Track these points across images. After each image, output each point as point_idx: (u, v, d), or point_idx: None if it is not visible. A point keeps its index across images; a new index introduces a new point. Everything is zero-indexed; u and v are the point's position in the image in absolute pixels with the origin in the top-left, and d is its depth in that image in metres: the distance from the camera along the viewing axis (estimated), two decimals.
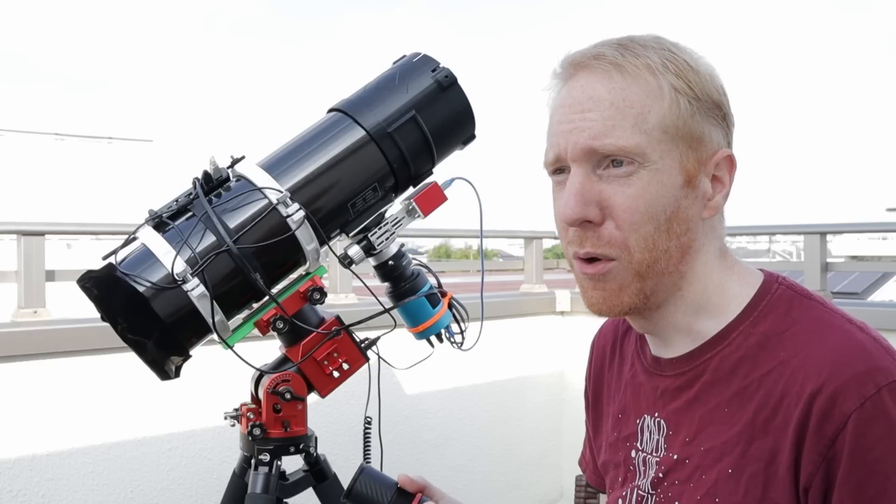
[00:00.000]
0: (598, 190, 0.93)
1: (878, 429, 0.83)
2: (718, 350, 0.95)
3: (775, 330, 0.93)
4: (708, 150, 0.95)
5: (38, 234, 2.62)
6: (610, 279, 0.95)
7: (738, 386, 0.93)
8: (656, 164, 0.92)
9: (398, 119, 1.30)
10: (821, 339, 0.90)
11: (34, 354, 2.41)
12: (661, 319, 0.99)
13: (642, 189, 0.92)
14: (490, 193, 1.51)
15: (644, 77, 0.93)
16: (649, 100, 0.92)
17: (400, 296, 1.40)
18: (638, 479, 1.03)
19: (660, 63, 0.93)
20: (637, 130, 0.91)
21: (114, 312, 1.22)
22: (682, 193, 0.93)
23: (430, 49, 1.39)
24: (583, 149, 0.93)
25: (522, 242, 4.10)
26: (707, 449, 0.93)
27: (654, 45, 0.95)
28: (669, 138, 0.92)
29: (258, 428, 1.37)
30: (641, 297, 0.95)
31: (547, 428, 3.70)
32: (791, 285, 0.97)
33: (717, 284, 0.98)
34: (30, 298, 2.59)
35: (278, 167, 1.29)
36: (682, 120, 0.92)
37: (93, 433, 2.47)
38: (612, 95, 0.92)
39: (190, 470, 2.62)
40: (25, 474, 2.35)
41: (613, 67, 0.93)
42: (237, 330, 1.30)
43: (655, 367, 1.03)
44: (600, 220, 0.93)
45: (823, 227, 3.37)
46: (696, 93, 0.93)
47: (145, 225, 1.24)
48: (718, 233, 0.99)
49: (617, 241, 0.93)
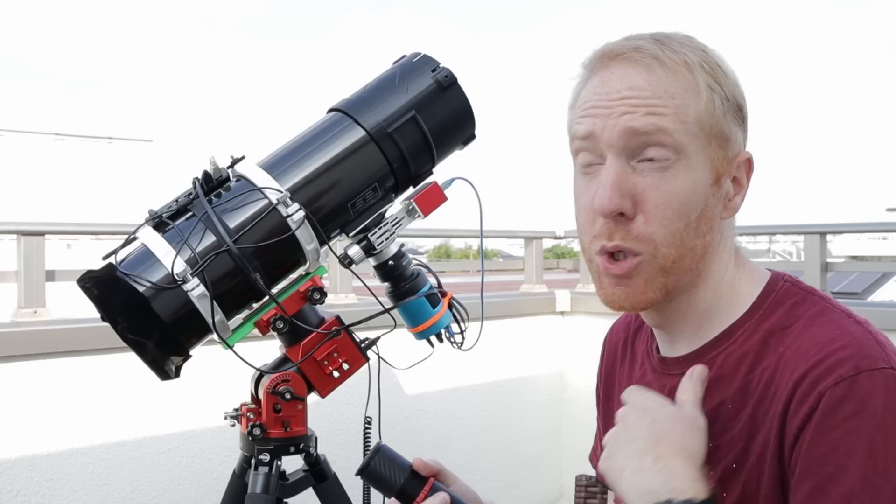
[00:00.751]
0: (633, 182, 0.92)
1: (847, 407, 0.82)
2: (724, 348, 0.96)
3: (778, 326, 0.93)
4: (733, 150, 0.96)
5: (38, 234, 2.62)
6: (635, 276, 0.94)
7: (741, 382, 0.93)
8: (691, 160, 0.92)
9: (398, 119, 1.30)
10: (815, 330, 0.90)
11: (34, 354, 2.41)
12: (672, 313, 1.00)
13: (679, 185, 0.92)
14: (490, 193, 1.51)
15: (682, 73, 0.93)
16: (688, 95, 0.92)
17: (400, 296, 1.40)
18: None
19: (697, 61, 0.93)
20: (678, 121, 0.91)
21: (114, 312, 1.22)
22: (711, 192, 0.94)
23: (430, 49, 1.39)
24: (622, 130, 0.91)
25: (522, 242, 4.09)
26: (714, 446, 0.94)
27: (688, 44, 0.95)
28: (705, 135, 0.93)
29: (258, 428, 1.37)
30: (664, 293, 0.96)
31: (547, 428, 3.70)
32: (795, 282, 0.98)
33: (729, 283, 0.99)
34: (30, 298, 2.59)
35: (278, 167, 1.29)
36: (715, 118, 0.93)
37: (93, 433, 2.47)
38: (653, 87, 0.92)
39: (190, 470, 2.62)
40: (25, 474, 2.35)
41: (654, 60, 0.93)
42: (237, 330, 1.30)
43: (662, 367, 1.04)
44: (633, 213, 0.93)
45: (823, 227, 3.37)
46: (727, 93, 0.94)
47: (145, 225, 1.24)
48: (732, 232, 1.00)
49: (644, 236, 0.93)
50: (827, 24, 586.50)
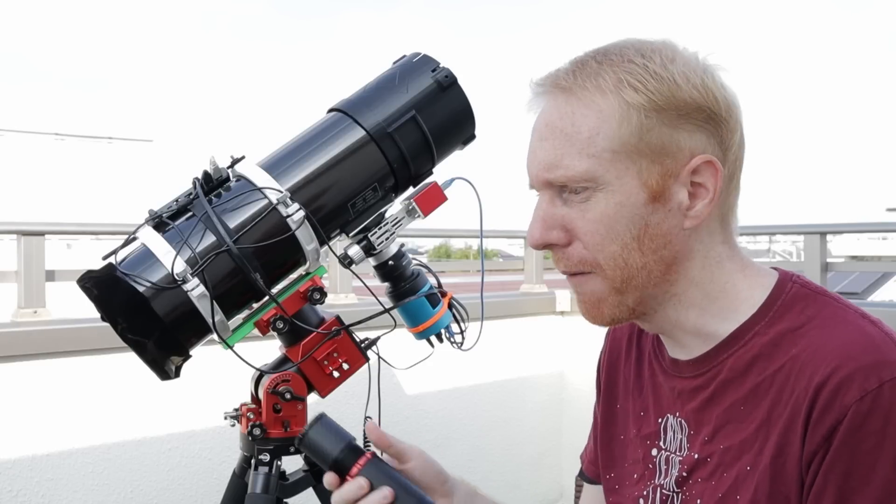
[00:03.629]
0: (560, 215, 0.95)
1: (873, 422, 0.83)
2: (735, 350, 0.96)
3: (790, 327, 0.93)
4: (678, 160, 0.92)
5: (38, 234, 2.62)
6: (588, 292, 0.97)
7: (753, 383, 0.93)
8: (611, 186, 0.92)
9: (398, 119, 1.30)
10: (832, 332, 0.90)
11: (34, 354, 2.42)
12: (664, 322, 1.00)
13: (601, 212, 0.93)
14: (490, 193, 1.51)
15: (593, 99, 0.92)
16: (598, 122, 0.92)
17: (400, 296, 1.40)
18: (659, 477, 1.03)
19: (613, 80, 0.92)
20: (584, 155, 0.92)
21: (114, 312, 1.22)
22: (649, 210, 0.93)
23: (430, 49, 1.39)
24: (539, 180, 0.96)
25: (522, 242, 4.10)
26: (727, 447, 0.94)
27: (616, 58, 0.93)
28: (623, 157, 0.91)
29: (258, 428, 1.37)
30: (624, 309, 0.97)
31: (547, 428, 3.70)
32: (805, 283, 0.97)
33: (722, 287, 0.97)
34: (30, 298, 2.59)
35: (278, 167, 1.29)
36: (635, 136, 0.91)
37: (93, 433, 2.47)
38: (563, 122, 0.93)
39: (190, 470, 2.62)
40: (25, 474, 2.35)
41: (562, 92, 0.94)
42: (237, 330, 1.30)
43: (674, 369, 1.03)
44: (566, 241, 0.96)
45: (823, 227, 3.37)
46: (659, 103, 0.91)
47: (145, 225, 1.24)
48: (720, 237, 0.97)
49: (588, 259, 0.95)
50: (826, 23, 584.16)
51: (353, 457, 1.07)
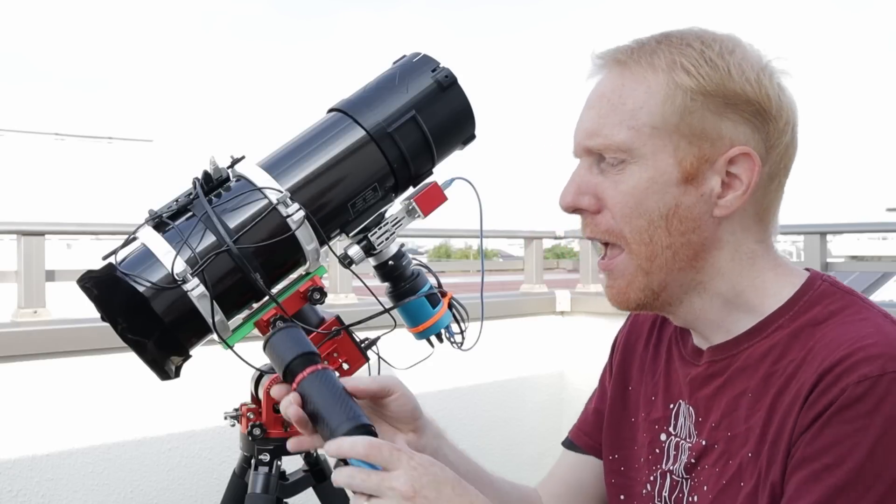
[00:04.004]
0: (595, 183, 0.98)
1: (863, 406, 0.83)
2: (755, 341, 0.96)
3: (811, 322, 0.93)
4: (718, 147, 0.93)
5: (38, 234, 2.62)
6: (618, 275, 0.99)
7: (766, 372, 0.93)
8: (647, 160, 0.94)
9: (398, 119, 1.30)
10: (850, 328, 0.90)
11: (34, 354, 2.42)
12: (688, 314, 1.00)
13: (633, 184, 0.95)
14: (490, 193, 1.51)
15: (644, 75, 0.95)
16: (645, 96, 0.94)
17: (400, 296, 1.40)
18: (667, 462, 1.04)
19: (667, 60, 0.94)
20: (625, 127, 0.94)
21: (114, 312, 1.22)
22: (680, 191, 0.94)
23: (430, 49, 1.39)
24: (580, 146, 1.00)
25: (522, 242, 4.10)
26: (732, 434, 0.95)
27: (676, 41, 0.96)
28: (663, 134, 0.93)
29: (258, 428, 1.37)
30: (649, 294, 0.97)
31: (547, 428, 3.70)
32: (834, 282, 0.98)
33: (751, 282, 0.98)
34: (30, 298, 2.59)
35: (278, 167, 1.29)
36: (677, 115, 0.93)
37: (93, 433, 2.47)
38: (612, 94, 0.97)
39: (190, 470, 2.62)
40: (25, 474, 2.35)
41: (617, 65, 0.97)
42: (237, 330, 1.30)
43: (694, 357, 1.04)
44: (595, 209, 0.98)
45: (823, 227, 3.38)
46: (708, 88, 0.92)
47: (145, 225, 1.24)
48: (754, 232, 0.98)
49: (614, 230, 0.97)
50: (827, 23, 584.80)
51: (301, 367, 1.01)
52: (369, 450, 0.88)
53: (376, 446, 0.89)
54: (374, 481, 0.87)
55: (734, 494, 0.92)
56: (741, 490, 0.92)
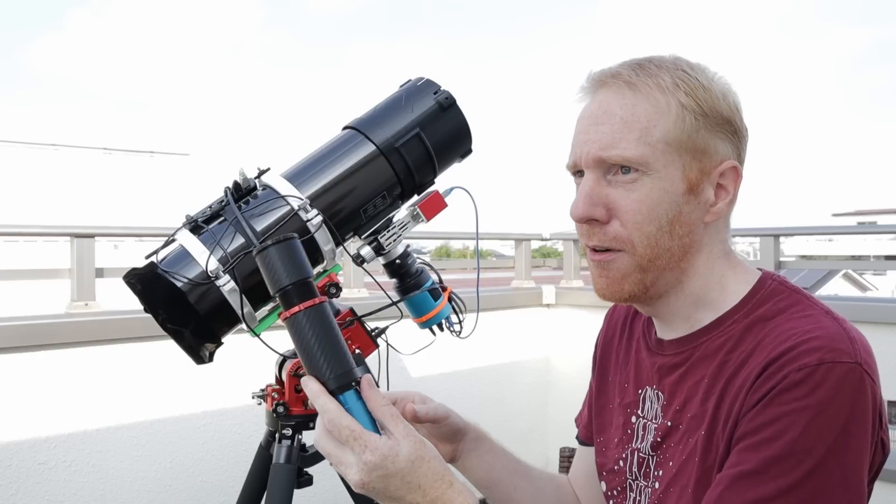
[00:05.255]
0: (605, 193, 0.94)
1: (799, 390, 0.83)
2: (713, 334, 0.96)
3: (762, 317, 0.93)
4: (713, 161, 0.94)
5: (88, 237, 2.62)
6: (614, 268, 0.96)
7: (720, 361, 0.93)
8: (659, 173, 0.92)
9: (404, 136, 1.30)
10: (796, 323, 0.90)
11: (86, 342, 2.42)
12: (663, 307, 1.00)
13: (645, 194, 0.92)
14: (485, 200, 1.50)
15: (654, 95, 0.93)
16: (656, 115, 0.92)
17: (406, 290, 1.40)
18: (636, 441, 1.04)
19: (671, 82, 0.93)
20: (641, 143, 0.92)
21: (155, 305, 1.22)
22: (684, 200, 0.93)
23: (432, 74, 1.39)
24: (593, 158, 0.94)
25: (513, 243, 4.09)
26: (693, 416, 0.95)
27: (670, 66, 0.95)
28: (673, 150, 0.92)
29: (282, 406, 1.37)
30: (641, 287, 0.96)
31: (534, 406, 3.70)
32: (783, 282, 0.98)
33: (718, 281, 0.98)
34: (82, 293, 2.59)
35: (299, 177, 1.29)
36: (685, 134, 0.92)
37: (137, 411, 2.47)
38: (623, 111, 0.93)
39: (222, 443, 2.62)
40: (78, 447, 2.35)
41: (626, 86, 0.94)
42: (263, 320, 1.30)
43: (658, 348, 1.04)
44: (606, 219, 0.95)
45: (777, 230, 3.37)
46: (705, 110, 0.92)
47: (183, 228, 1.24)
48: (722, 236, 0.99)
49: (622, 237, 0.94)
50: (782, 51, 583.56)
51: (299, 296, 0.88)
52: (326, 443, 0.88)
53: (336, 431, 0.86)
54: (334, 458, 0.88)
55: (692, 469, 0.93)
56: (696, 465, 0.92)
